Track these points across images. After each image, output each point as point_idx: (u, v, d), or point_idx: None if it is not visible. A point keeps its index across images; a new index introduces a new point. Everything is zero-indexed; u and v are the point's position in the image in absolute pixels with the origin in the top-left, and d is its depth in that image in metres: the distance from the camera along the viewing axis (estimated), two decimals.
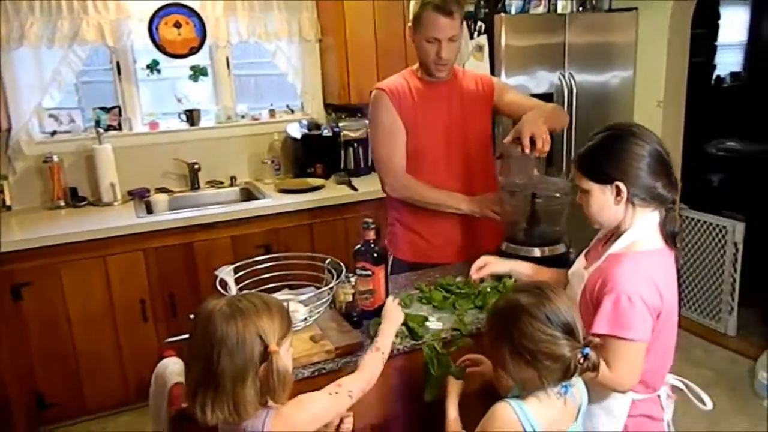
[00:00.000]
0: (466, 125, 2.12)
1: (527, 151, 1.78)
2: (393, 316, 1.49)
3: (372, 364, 1.37)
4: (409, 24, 2.03)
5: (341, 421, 1.42)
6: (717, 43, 6.02)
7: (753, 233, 3.44)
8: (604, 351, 1.30)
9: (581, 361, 1.20)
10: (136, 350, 2.85)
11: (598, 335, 1.30)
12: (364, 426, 1.56)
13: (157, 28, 3.13)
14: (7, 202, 3.09)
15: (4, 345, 2.55)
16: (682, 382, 1.54)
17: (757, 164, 4.52)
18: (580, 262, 1.53)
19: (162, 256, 2.87)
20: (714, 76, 6.15)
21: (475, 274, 1.76)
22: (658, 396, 1.47)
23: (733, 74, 6.32)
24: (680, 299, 3.78)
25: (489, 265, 1.75)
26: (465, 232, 2.15)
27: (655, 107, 3.50)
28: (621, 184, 1.35)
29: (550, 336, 1.19)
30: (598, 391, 1.39)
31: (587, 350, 1.21)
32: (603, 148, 1.39)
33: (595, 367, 1.23)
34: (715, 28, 5.97)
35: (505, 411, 1.25)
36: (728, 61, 6.29)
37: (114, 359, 2.85)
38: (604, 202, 1.39)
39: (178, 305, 2.89)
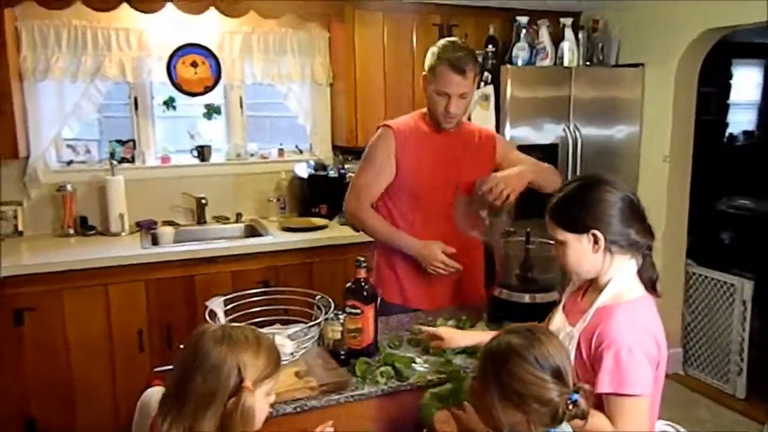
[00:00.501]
0: (463, 175, 2.13)
1: (483, 193, 1.98)
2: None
3: None
4: (424, 73, 2.09)
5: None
6: (729, 102, 6.07)
7: (763, 292, 3.39)
8: (609, 409, 1.29)
9: (570, 407, 1.19)
10: (130, 380, 2.84)
11: (604, 394, 1.29)
12: None
13: (174, 67, 3.25)
14: (20, 228, 3.16)
15: (1, 369, 2.55)
16: (673, 428, 1.50)
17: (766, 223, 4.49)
18: (560, 317, 1.50)
19: (163, 288, 2.89)
20: (726, 134, 6.18)
21: (432, 342, 1.71)
22: None
23: (746, 132, 6.35)
24: (686, 357, 3.70)
25: (449, 340, 1.66)
26: (447, 280, 2.12)
27: (662, 162, 3.52)
28: (597, 232, 1.35)
29: (539, 379, 1.18)
30: None
31: (576, 396, 1.19)
32: (575, 198, 1.39)
33: (584, 415, 1.21)
34: (727, 87, 6.03)
35: None
36: (741, 119, 6.32)
37: (108, 387, 2.84)
38: (581, 251, 1.38)
39: (174, 337, 2.89)
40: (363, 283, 1.69)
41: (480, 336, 1.65)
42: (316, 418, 1.50)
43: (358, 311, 1.68)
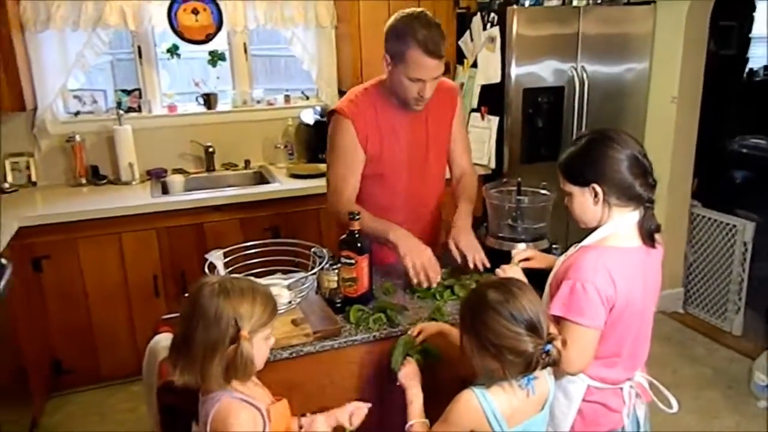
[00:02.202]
0: (429, 147, 2.08)
1: (471, 266, 1.87)
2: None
3: None
4: (386, 54, 1.89)
5: (355, 410, 1.51)
6: (751, 35, 5.85)
7: (766, 233, 3.40)
8: (561, 332, 1.38)
9: (543, 356, 1.27)
10: (148, 323, 2.95)
11: (554, 316, 1.39)
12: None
13: (175, 14, 3.22)
14: (33, 178, 3.26)
15: (25, 313, 2.70)
16: (649, 382, 1.58)
17: None
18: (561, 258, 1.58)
19: (174, 235, 2.99)
20: (747, 70, 5.99)
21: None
22: (621, 389, 1.52)
23: (767, 67, 6.14)
24: (687, 296, 3.77)
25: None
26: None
27: (669, 103, 3.46)
28: (597, 186, 1.43)
29: (513, 333, 1.26)
30: (557, 373, 1.46)
31: (549, 347, 1.27)
32: (582, 154, 1.47)
33: (556, 363, 1.30)
34: (750, 20, 5.80)
35: (470, 398, 1.33)
36: (763, 53, 6.11)
37: (127, 331, 3.00)
38: (584, 203, 1.48)
39: (189, 283, 3.00)
40: (356, 235, 1.75)
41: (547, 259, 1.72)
42: (311, 363, 1.60)
43: (353, 261, 1.75)
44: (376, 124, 1.99)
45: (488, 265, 1.86)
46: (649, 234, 1.46)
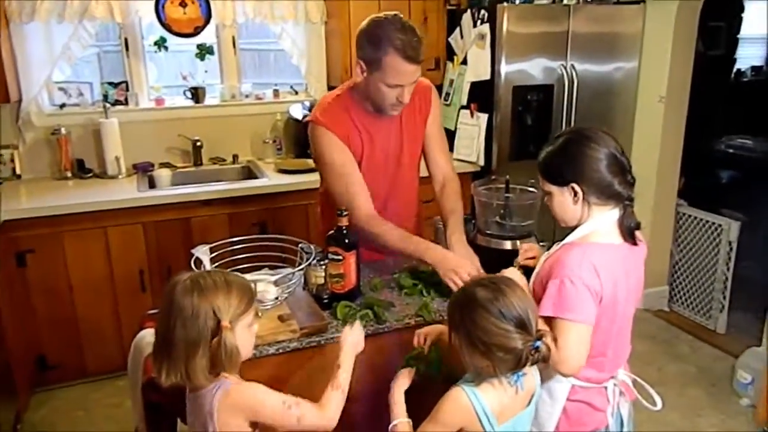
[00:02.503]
0: (403, 149, 2.04)
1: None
2: (351, 352, 1.44)
3: (333, 404, 1.35)
4: (360, 61, 1.83)
5: None
6: (740, 36, 5.91)
7: (751, 233, 3.44)
8: (552, 332, 1.38)
9: (532, 353, 1.27)
10: (135, 319, 2.93)
11: (544, 317, 1.38)
12: None
13: (163, 7, 3.19)
14: (17, 171, 3.21)
15: (9, 308, 2.67)
16: (632, 380, 1.59)
17: (763, 163, 4.48)
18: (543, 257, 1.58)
19: (161, 230, 2.97)
20: (734, 70, 6.05)
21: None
22: (605, 388, 1.53)
23: (754, 68, 6.21)
24: (672, 295, 3.80)
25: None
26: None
27: (657, 103, 3.48)
28: (576, 186, 1.44)
29: (503, 330, 1.26)
30: (543, 373, 1.46)
31: (538, 343, 1.28)
32: (560, 153, 1.47)
33: (546, 359, 1.31)
34: (738, 21, 5.85)
35: (460, 396, 1.33)
36: (751, 54, 6.17)
37: (113, 326, 2.98)
38: (563, 202, 1.48)
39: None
40: (344, 231, 1.75)
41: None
42: (297, 359, 1.59)
43: (340, 258, 1.74)
44: (354, 130, 1.94)
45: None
46: (629, 231, 1.47)
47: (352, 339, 1.45)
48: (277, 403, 1.27)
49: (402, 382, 1.48)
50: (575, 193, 1.44)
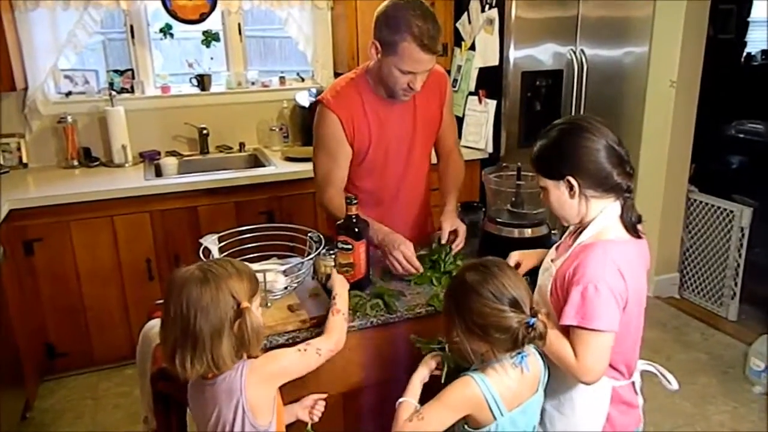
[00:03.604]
0: (416, 135, 2.03)
1: (444, 241, 1.88)
2: (342, 282, 1.60)
3: (337, 326, 1.47)
4: (375, 42, 1.80)
5: (314, 403, 1.53)
6: (750, 19, 5.82)
7: (763, 219, 3.40)
8: (572, 341, 1.34)
9: (528, 331, 1.25)
10: (142, 307, 2.95)
11: (567, 326, 1.34)
12: (336, 395, 1.63)
13: None
14: (24, 160, 3.21)
15: (17, 297, 2.67)
16: (652, 366, 1.57)
17: None
18: (550, 254, 1.54)
19: (168, 219, 2.96)
20: (744, 54, 5.97)
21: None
22: (633, 383, 1.51)
23: (764, 52, 6.11)
24: (683, 282, 3.78)
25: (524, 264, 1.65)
26: (401, 225, 2.01)
27: (668, 87, 3.43)
28: (572, 179, 1.38)
29: (496, 310, 1.25)
30: (570, 381, 1.42)
31: (533, 320, 1.26)
32: (554, 146, 1.42)
33: (542, 336, 1.28)
34: (748, 4, 5.76)
35: (469, 383, 1.31)
36: (761, 37, 6.07)
37: (121, 315, 2.98)
38: (560, 197, 1.42)
39: (182, 266, 2.98)
40: (354, 220, 1.72)
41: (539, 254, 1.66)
42: None
43: (350, 247, 1.72)
44: (363, 115, 1.92)
45: (461, 245, 1.90)
46: (632, 225, 1.42)
47: (339, 276, 1.61)
48: (296, 355, 1.37)
49: (422, 372, 1.45)
50: (571, 187, 1.38)
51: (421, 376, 1.44)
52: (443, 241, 1.89)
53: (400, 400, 1.41)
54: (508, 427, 1.33)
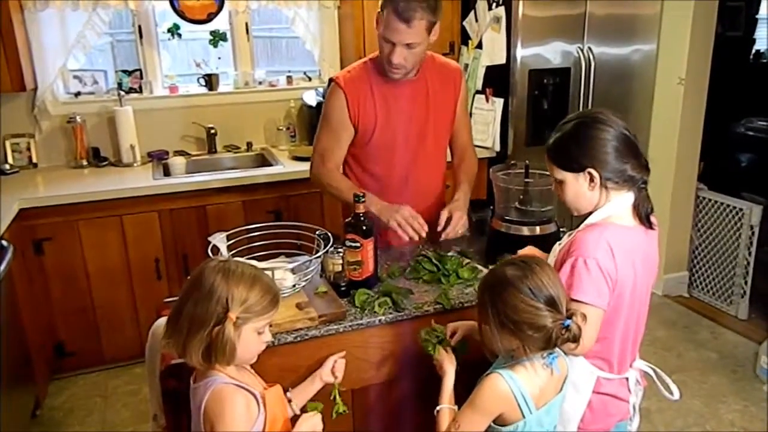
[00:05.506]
0: (428, 124, 2.06)
1: (439, 229, 1.92)
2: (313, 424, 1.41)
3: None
4: (378, 10, 1.88)
5: (334, 364, 1.55)
6: (758, 16, 5.77)
7: None
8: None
9: (563, 332, 1.25)
10: (151, 306, 2.97)
11: None
12: (345, 391, 1.63)
13: None
14: (34, 160, 3.23)
15: (27, 296, 2.69)
16: (653, 370, 1.56)
17: None
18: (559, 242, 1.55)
19: (176, 218, 2.97)
20: (753, 51, 5.92)
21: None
22: (626, 379, 1.51)
23: None
24: (692, 281, 3.75)
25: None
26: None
27: (676, 85, 3.41)
28: (593, 171, 1.39)
29: (532, 307, 1.25)
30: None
31: (568, 322, 1.26)
32: (572, 138, 1.42)
33: (576, 339, 1.28)
34: (757, 1, 5.71)
35: (498, 381, 1.32)
36: None
37: (130, 314, 3.00)
38: (579, 189, 1.43)
39: (190, 265, 3.00)
40: (362, 218, 1.73)
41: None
42: (315, 347, 1.58)
43: (358, 245, 1.73)
44: (370, 95, 1.99)
45: (450, 233, 1.93)
46: (645, 215, 1.44)
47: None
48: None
49: (446, 364, 1.47)
50: (591, 179, 1.40)
51: (450, 378, 1.46)
52: (438, 228, 1.93)
53: (438, 407, 1.42)
54: (535, 426, 1.33)
